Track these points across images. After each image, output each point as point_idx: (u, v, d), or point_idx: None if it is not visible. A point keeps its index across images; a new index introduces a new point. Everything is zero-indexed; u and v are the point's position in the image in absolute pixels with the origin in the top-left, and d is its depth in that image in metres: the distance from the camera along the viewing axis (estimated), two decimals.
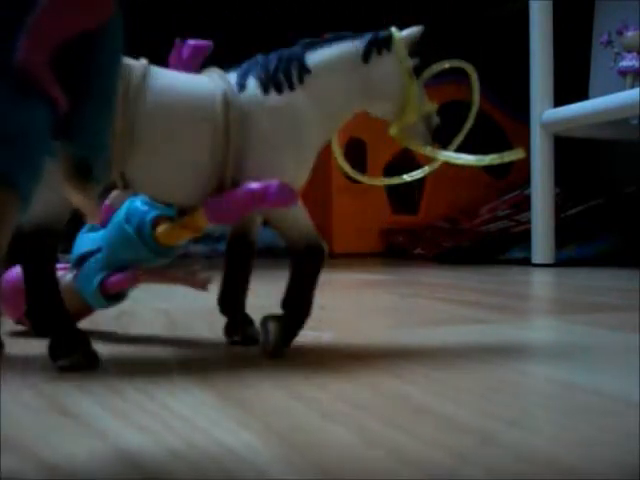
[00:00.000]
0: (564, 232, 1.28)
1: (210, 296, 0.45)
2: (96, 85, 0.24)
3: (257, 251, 0.45)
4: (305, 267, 0.40)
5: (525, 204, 1.41)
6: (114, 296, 0.43)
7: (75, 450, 0.23)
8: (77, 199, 0.24)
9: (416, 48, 0.43)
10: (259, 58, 0.40)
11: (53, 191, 0.35)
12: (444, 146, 0.45)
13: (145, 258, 0.42)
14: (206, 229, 0.40)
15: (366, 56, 0.41)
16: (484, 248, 1.41)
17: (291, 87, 0.39)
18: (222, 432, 0.25)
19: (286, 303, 0.40)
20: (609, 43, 1.23)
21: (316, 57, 0.41)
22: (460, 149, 0.44)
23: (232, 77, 0.39)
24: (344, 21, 0.78)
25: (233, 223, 0.43)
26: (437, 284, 0.91)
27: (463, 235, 1.47)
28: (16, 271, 0.44)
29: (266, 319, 0.39)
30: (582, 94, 1.24)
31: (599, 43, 1.25)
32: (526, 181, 1.33)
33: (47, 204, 0.35)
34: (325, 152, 0.42)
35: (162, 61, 0.40)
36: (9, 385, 0.33)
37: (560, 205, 1.33)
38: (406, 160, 1.55)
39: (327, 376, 0.34)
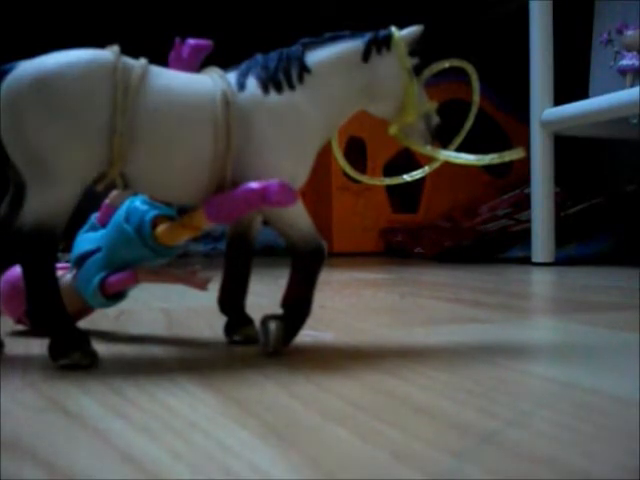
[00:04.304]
0: (564, 231, 1.28)
1: (210, 296, 0.45)
2: None
3: (257, 251, 0.45)
4: (305, 266, 0.40)
5: (525, 203, 1.41)
6: (114, 295, 0.43)
7: (75, 450, 0.23)
8: None
9: (416, 47, 0.43)
10: (259, 58, 0.40)
11: (54, 188, 0.35)
12: (444, 145, 0.45)
13: (145, 257, 0.42)
14: (206, 228, 0.40)
15: (366, 55, 0.41)
16: (484, 247, 1.41)
17: (291, 87, 0.39)
18: (222, 432, 0.25)
19: (286, 303, 0.40)
20: (609, 42, 1.23)
21: (316, 57, 0.41)
22: (460, 148, 0.44)
23: (232, 77, 0.39)
24: (344, 21, 0.78)
25: (233, 223, 0.43)
26: (437, 283, 0.91)
27: (463, 234, 1.47)
28: (16, 271, 0.44)
29: (266, 319, 0.39)
30: (582, 93, 1.24)
31: (599, 42, 1.25)
32: (526, 180, 1.33)
33: (47, 204, 0.35)
34: (325, 152, 0.42)
35: (162, 61, 0.40)
36: (9, 385, 0.33)
37: (560, 204, 1.33)
38: (406, 159, 1.55)
39: (327, 376, 0.34)
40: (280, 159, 0.38)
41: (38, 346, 0.42)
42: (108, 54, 0.36)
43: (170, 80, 0.38)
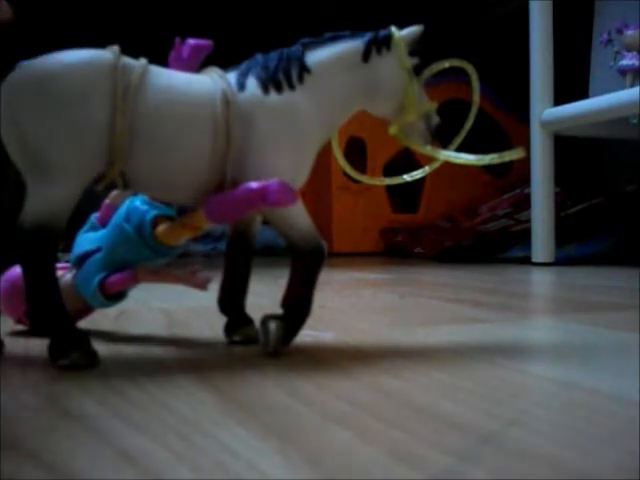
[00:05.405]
0: (564, 231, 1.28)
1: (210, 296, 0.45)
2: None
3: (257, 251, 0.45)
4: (305, 266, 0.40)
5: (525, 203, 1.41)
6: (114, 295, 0.43)
7: (75, 450, 0.23)
8: None
9: (416, 47, 0.43)
10: (259, 58, 0.40)
11: (54, 188, 0.35)
12: (444, 145, 0.45)
13: (145, 257, 0.42)
14: (206, 228, 0.40)
15: (366, 55, 0.41)
16: (484, 247, 1.41)
17: (291, 87, 0.39)
18: (222, 432, 0.25)
19: (286, 302, 0.40)
20: (609, 42, 1.23)
21: (316, 57, 0.41)
22: (460, 148, 0.44)
23: (232, 77, 0.39)
24: (344, 21, 0.78)
25: (233, 222, 0.43)
26: (437, 283, 0.91)
27: (463, 234, 1.47)
28: (16, 271, 0.44)
29: (266, 319, 0.39)
30: (582, 93, 1.24)
31: (599, 42, 1.25)
32: (526, 180, 1.33)
33: (48, 202, 0.35)
34: (325, 152, 0.42)
35: (162, 61, 0.40)
36: (9, 385, 0.33)
37: (560, 204, 1.33)
38: (406, 159, 1.55)
39: (327, 376, 0.34)
40: (280, 159, 0.38)
41: (38, 346, 0.42)
42: (108, 54, 0.37)
43: (170, 80, 0.38)
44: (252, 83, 0.39)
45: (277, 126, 0.38)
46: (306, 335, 0.44)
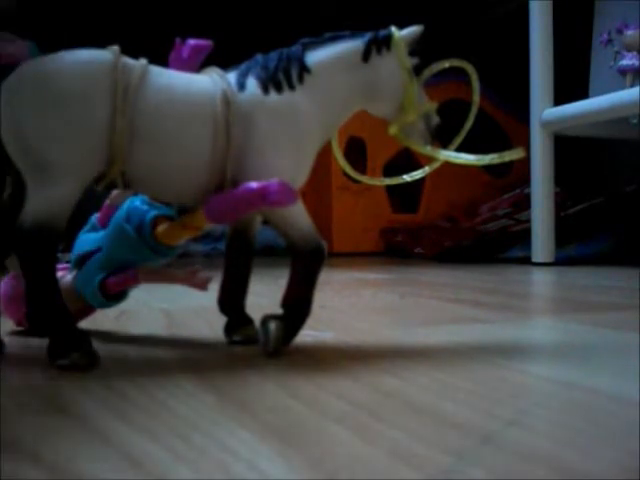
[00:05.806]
0: (564, 231, 1.28)
1: (210, 296, 0.45)
2: None
3: (257, 251, 0.45)
4: (305, 266, 0.40)
5: (525, 203, 1.41)
6: (114, 296, 0.43)
7: (75, 450, 0.23)
8: None
9: (416, 47, 0.43)
10: (259, 58, 0.40)
11: (54, 188, 0.35)
12: (444, 145, 0.45)
13: (145, 258, 0.42)
14: (206, 228, 0.40)
15: (366, 55, 0.41)
16: (484, 247, 1.41)
17: (291, 87, 0.39)
18: (222, 432, 0.25)
19: (286, 302, 0.40)
20: (609, 42, 1.23)
21: (316, 57, 0.41)
22: (460, 148, 0.44)
23: (232, 77, 0.39)
24: (344, 21, 0.78)
25: (232, 223, 0.43)
26: (437, 283, 0.91)
27: (463, 234, 1.47)
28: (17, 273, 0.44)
29: (266, 319, 0.39)
30: (582, 93, 1.24)
31: (599, 42, 1.25)
32: (526, 180, 1.33)
33: (48, 202, 0.35)
34: (325, 152, 0.42)
35: (162, 61, 0.40)
36: (9, 385, 0.33)
37: (560, 204, 1.33)
38: (406, 159, 1.55)
39: (327, 376, 0.34)
40: (280, 159, 0.38)
41: (38, 346, 0.42)
42: (108, 54, 0.37)
43: (170, 80, 0.38)
44: (252, 83, 0.39)
45: (277, 126, 0.38)
46: (306, 335, 0.44)
